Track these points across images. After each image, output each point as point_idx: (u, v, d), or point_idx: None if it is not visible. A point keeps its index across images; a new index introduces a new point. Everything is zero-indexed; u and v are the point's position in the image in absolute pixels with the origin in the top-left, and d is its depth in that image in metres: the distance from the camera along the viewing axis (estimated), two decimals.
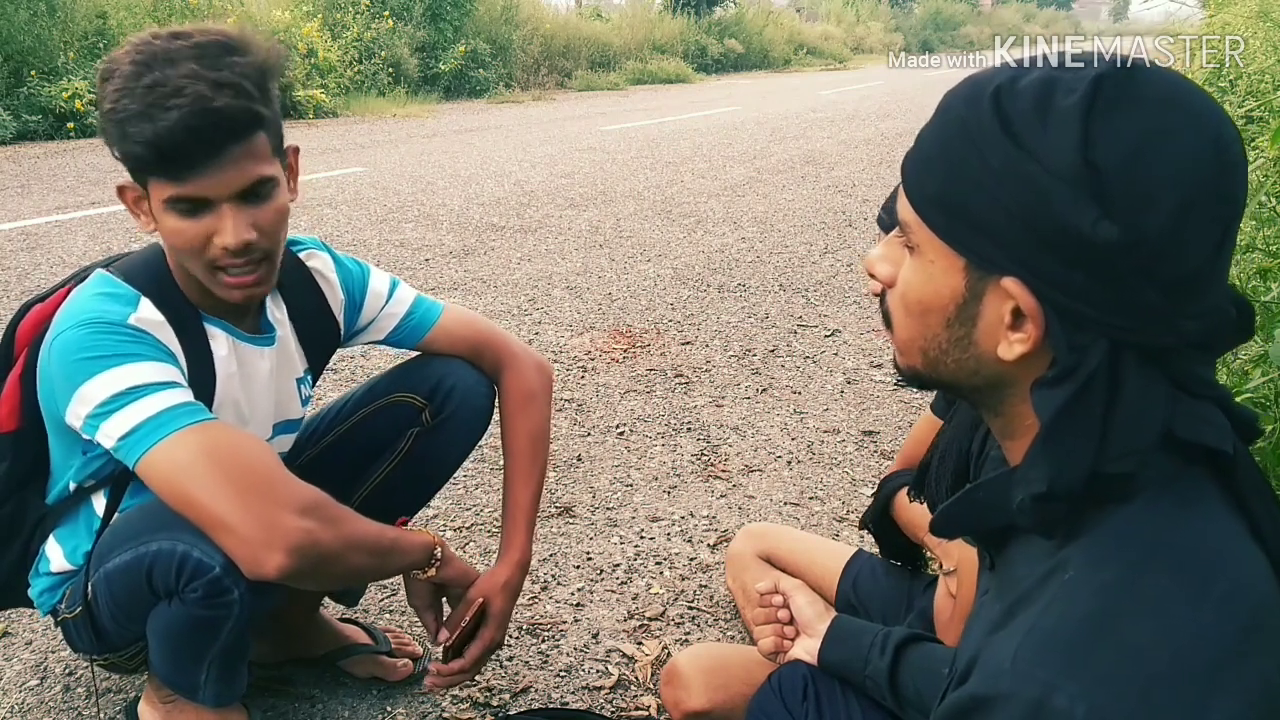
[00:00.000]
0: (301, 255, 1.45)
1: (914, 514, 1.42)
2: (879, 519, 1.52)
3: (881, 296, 1.32)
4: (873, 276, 0.75)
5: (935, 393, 1.55)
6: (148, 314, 1.23)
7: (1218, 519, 0.64)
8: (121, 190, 1.25)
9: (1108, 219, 0.58)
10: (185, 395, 1.19)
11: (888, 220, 1.33)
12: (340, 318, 1.49)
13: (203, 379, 1.29)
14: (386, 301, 1.52)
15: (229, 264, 1.22)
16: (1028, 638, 0.60)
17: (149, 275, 1.28)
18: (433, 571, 1.36)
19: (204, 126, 1.12)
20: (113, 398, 1.15)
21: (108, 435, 1.16)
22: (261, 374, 1.38)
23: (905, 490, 1.37)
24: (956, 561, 1.19)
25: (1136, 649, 0.57)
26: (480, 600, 1.42)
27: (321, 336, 1.48)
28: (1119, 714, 0.55)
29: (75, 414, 1.18)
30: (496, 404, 1.58)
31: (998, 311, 0.64)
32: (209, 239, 1.19)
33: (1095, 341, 0.62)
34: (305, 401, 1.50)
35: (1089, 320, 0.61)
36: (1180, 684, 0.56)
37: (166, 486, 1.16)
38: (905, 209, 0.69)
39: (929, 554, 1.52)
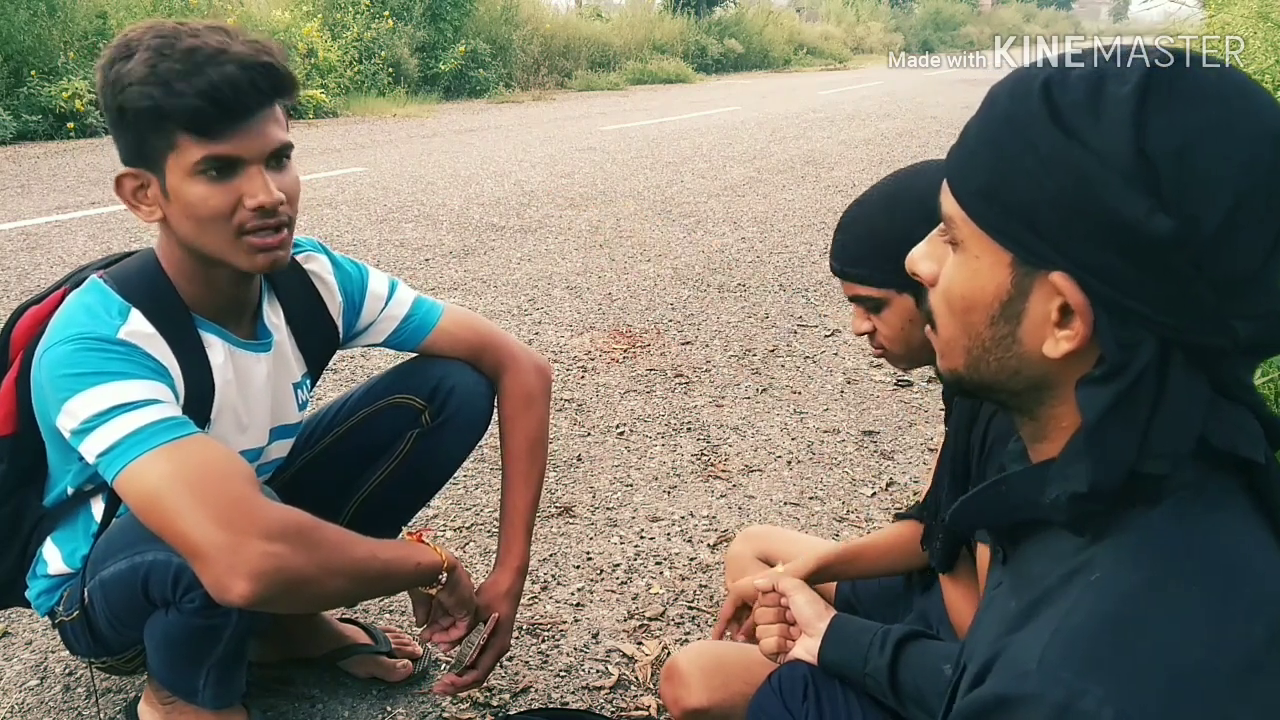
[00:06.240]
0: (299, 258, 1.43)
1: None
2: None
3: (871, 334, 1.29)
4: (914, 276, 0.73)
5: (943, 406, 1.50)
6: (138, 326, 1.22)
7: (1246, 527, 0.63)
8: (120, 181, 1.22)
9: (1162, 211, 0.57)
10: (166, 411, 1.17)
11: (838, 268, 1.26)
12: (339, 321, 1.48)
13: (201, 388, 1.28)
14: (386, 304, 1.51)
15: (256, 226, 1.20)
16: (1054, 638, 0.59)
17: (143, 282, 1.26)
18: (434, 591, 1.35)
19: (258, 78, 1.16)
20: (94, 416, 1.14)
21: (90, 451, 1.16)
22: (258, 380, 1.37)
23: None
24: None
25: (1163, 655, 0.57)
26: (496, 616, 1.44)
27: (319, 340, 1.48)
28: (1145, 719, 0.55)
29: (64, 427, 1.18)
30: (496, 405, 1.58)
31: (1044, 308, 0.63)
32: (237, 203, 1.19)
33: (1144, 339, 0.60)
34: (303, 406, 1.49)
35: (1139, 317, 0.60)
36: (1205, 691, 0.56)
37: (138, 505, 1.15)
38: (949, 203, 0.67)
39: None
